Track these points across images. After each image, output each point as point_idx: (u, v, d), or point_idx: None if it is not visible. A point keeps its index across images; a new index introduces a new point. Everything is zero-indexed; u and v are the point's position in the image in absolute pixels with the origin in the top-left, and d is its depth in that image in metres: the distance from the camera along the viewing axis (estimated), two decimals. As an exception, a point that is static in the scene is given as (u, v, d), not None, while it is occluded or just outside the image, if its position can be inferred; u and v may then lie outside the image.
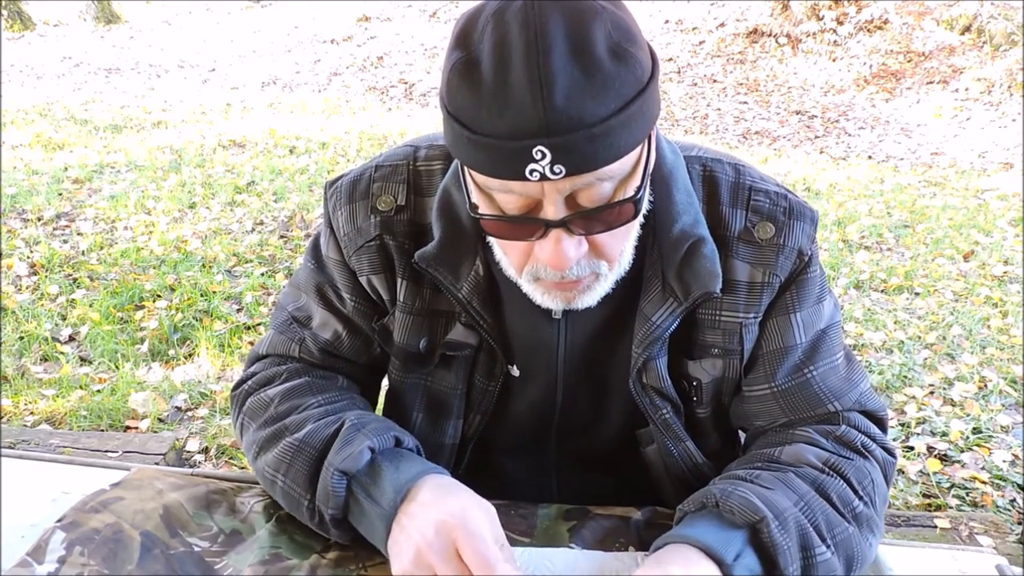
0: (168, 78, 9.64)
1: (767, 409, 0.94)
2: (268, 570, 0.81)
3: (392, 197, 0.92)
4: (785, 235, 0.89)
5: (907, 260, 4.37)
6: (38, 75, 9.66)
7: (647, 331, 0.88)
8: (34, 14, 12.67)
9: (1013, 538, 2.08)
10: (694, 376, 0.93)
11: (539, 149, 0.66)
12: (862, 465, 0.87)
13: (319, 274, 0.98)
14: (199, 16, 12.77)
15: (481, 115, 0.68)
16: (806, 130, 7.84)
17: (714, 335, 0.91)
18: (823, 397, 0.92)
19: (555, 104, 0.65)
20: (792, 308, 0.91)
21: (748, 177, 0.92)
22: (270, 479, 0.87)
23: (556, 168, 0.67)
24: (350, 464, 0.80)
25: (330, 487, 0.80)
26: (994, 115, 7.74)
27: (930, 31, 9.11)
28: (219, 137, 6.56)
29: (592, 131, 0.66)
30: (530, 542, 0.87)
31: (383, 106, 8.31)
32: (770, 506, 0.78)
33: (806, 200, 0.94)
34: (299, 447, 0.85)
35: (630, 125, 0.68)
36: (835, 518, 0.81)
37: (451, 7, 11.31)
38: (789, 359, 0.92)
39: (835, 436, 0.90)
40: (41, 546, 0.81)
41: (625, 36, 0.68)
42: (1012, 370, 3.11)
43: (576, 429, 1.02)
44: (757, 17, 9.80)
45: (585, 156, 0.67)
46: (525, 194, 0.71)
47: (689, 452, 0.96)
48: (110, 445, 2.30)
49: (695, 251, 0.85)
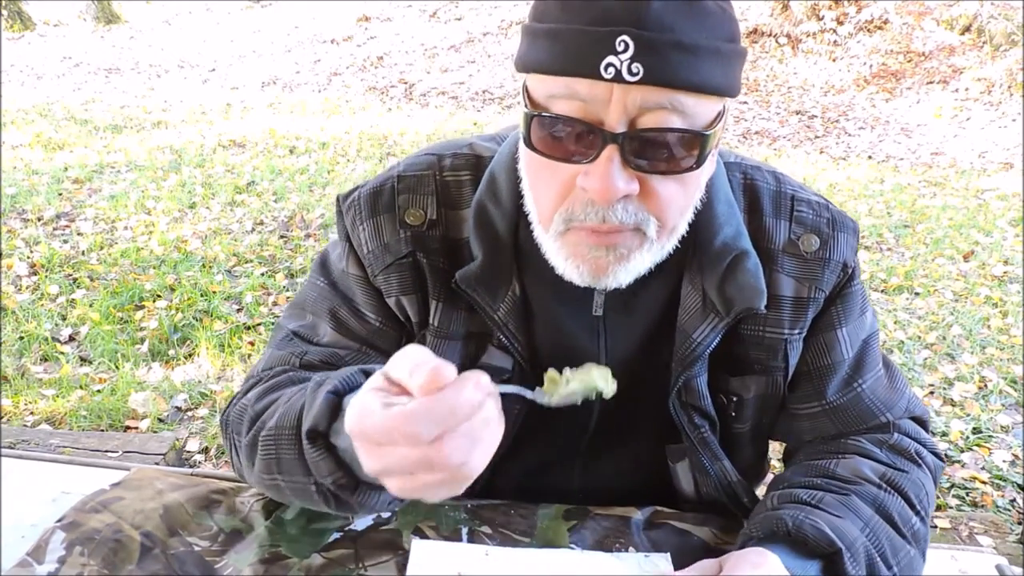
0: (168, 78, 9.63)
1: (819, 426, 0.92)
2: (268, 569, 0.81)
3: (422, 210, 0.86)
4: (831, 248, 0.86)
5: (907, 260, 4.37)
6: (38, 75, 9.66)
7: (687, 348, 0.85)
8: (34, 14, 12.67)
9: (1013, 538, 2.08)
10: (735, 392, 0.90)
11: (623, 39, 0.63)
12: (917, 477, 0.87)
13: (332, 294, 0.90)
14: (199, 16, 12.76)
15: (570, 6, 0.65)
16: (806, 130, 7.83)
17: (757, 351, 0.88)
18: (875, 410, 0.90)
19: (651, 4, 0.63)
20: (838, 323, 0.89)
21: (789, 186, 0.89)
22: (271, 484, 0.77)
23: (634, 67, 0.63)
24: (314, 418, 0.66)
25: (311, 458, 0.67)
26: (994, 115, 7.74)
27: (930, 31, 9.10)
28: (219, 137, 6.56)
29: (682, 42, 0.63)
30: (530, 542, 0.87)
31: (383, 106, 8.30)
32: (842, 537, 0.78)
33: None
34: (276, 438, 0.74)
35: (717, 62, 0.66)
36: (898, 542, 0.81)
37: (451, 7, 11.31)
38: (838, 374, 0.89)
39: (888, 445, 0.89)
40: (41, 546, 0.81)
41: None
42: (1012, 370, 3.11)
43: (605, 445, 0.98)
44: (757, 17, 9.79)
45: (669, 65, 0.63)
46: (591, 99, 0.65)
47: (725, 471, 0.93)
48: (110, 445, 2.30)
49: (738, 265, 0.82)
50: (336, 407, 0.67)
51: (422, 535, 0.87)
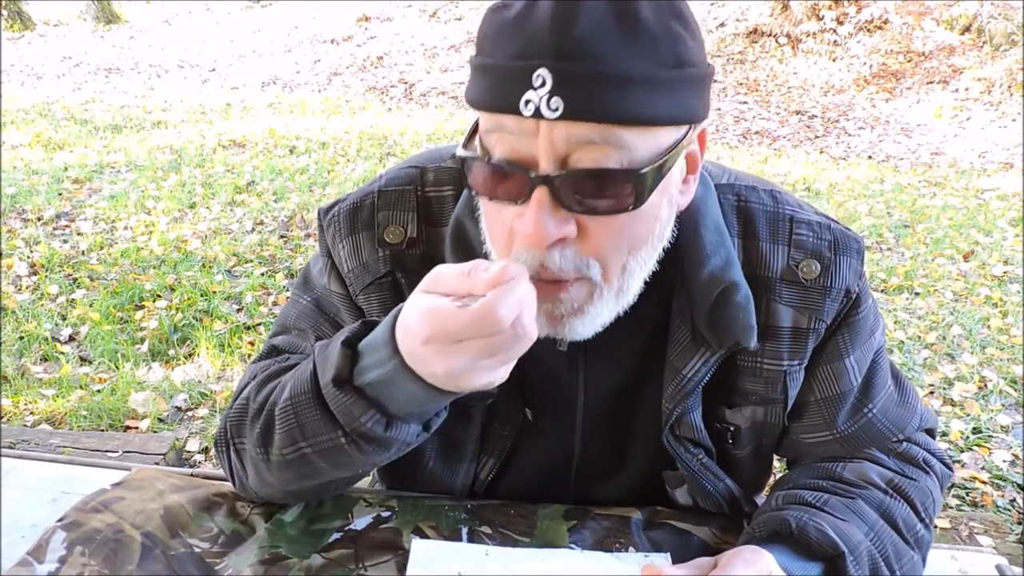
0: (168, 78, 9.63)
1: (829, 450, 0.90)
2: (268, 570, 0.81)
3: (401, 228, 0.83)
4: (832, 274, 0.81)
5: (907, 260, 4.37)
6: (38, 75, 9.66)
7: (678, 385, 0.81)
8: (34, 14, 12.67)
9: (1013, 538, 2.08)
10: (731, 423, 0.87)
11: (540, 74, 0.59)
12: (925, 485, 0.86)
13: (316, 313, 0.89)
14: (199, 16, 12.76)
15: (498, 40, 0.63)
16: (806, 130, 7.83)
17: (755, 383, 0.84)
18: (887, 432, 0.89)
19: (572, 31, 0.59)
20: (844, 352, 0.84)
21: (788, 206, 0.83)
22: (295, 457, 0.75)
23: (553, 102, 0.59)
24: (336, 366, 0.68)
25: (341, 406, 0.69)
26: (994, 115, 7.74)
27: (930, 31, 9.11)
28: (219, 137, 6.56)
29: (604, 71, 0.59)
30: (530, 542, 0.87)
31: (383, 106, 8.30)
32: (846, 540, 0.77)
33: (848, 228, 0.85)
34: (294, 406, 0.74)
35: (657, 94, 0.61)
36: (902, 547, 0.81)
37: (451, 7, 11.31)
38: (846, 403, 0.87)
39: (897, 452, 0.89)
40: (41, 546, 0.82)
41: (676, 15, 0.63)
42: (1012, 370, 3.11)
43: (597, 475, 0.95)
44: (757, 17, 9.80)
45: (589, 97, 0.59)
46: (520, 133, 0.63)
47: (728, 488, 0.91)
48: (110, 445, 2.30)
49: (726, 298, 0.76)
50: (352, 356, 0.69)
51: (422, 535, 0.87)
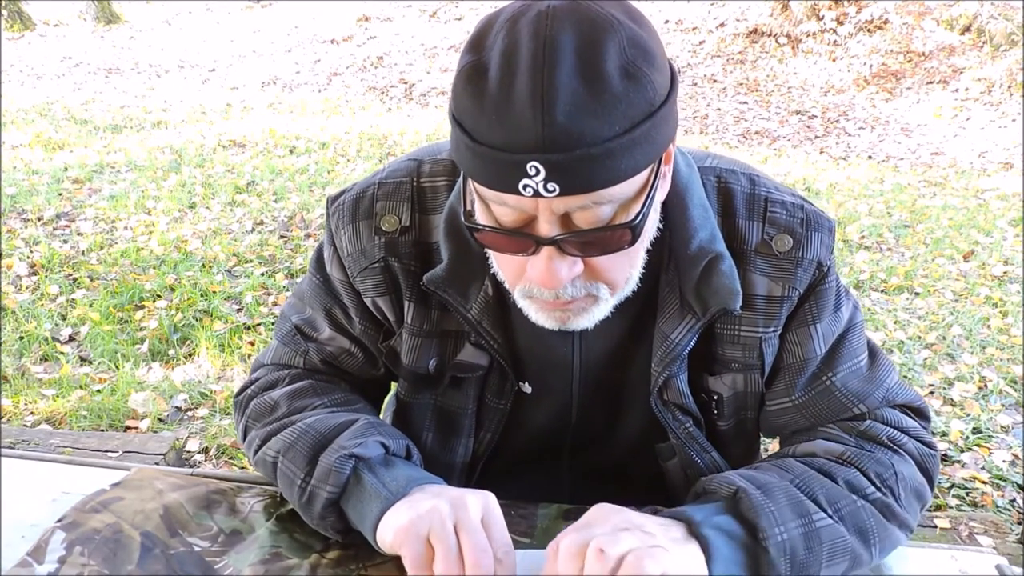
0: (168, 78, 9.63)
1: (792, 421, 0.93)
2: (268, 569, 0.81)
3: (396, 217, 0.90)
4: (804, 247, 0.87)
5: (907, 260, 4.37)
6: (38, 75, 9.66)
7: (666, 349, 0.87)
8: (34, 14, 12.67)
9: (1013, 538, 2.08)
10: (715, 391, 0.93)
11: (533, 165, 0.64)
12: (884, 458, 0.86)
13: (325, 293, 0.97)
14: (199, 16, 12.77)
15: (481, 123, 0.67)
16: (806, 130, 7.84)
17: (733, 350, 0.90)
18: (846, 402, 0.91)
19: (554, 120, 0.63)
20: (811, 320, 0.90)
21: (763, 188, 0.89)
22: (271, 461, 0.87)
23: (550, 186, 0.65)
24: (363, 451, 0.81)
25: (334, 465, 0.80)
26: (994, 115, 7.74)
27: (930, 31, 9.11)
28: (219, 137, 6.56)
29: (591, 151, 0.64)
30: (530, 542, 0.87)
31: (383, 106, 8.31)
32: (752, 480, 0.78)
33: (822, 209, 0.92)
34: (304, 431, 0.85)
35: (633, 149, 0.66)
36: (839, 493, 0.80)
37: (451, 7, 11.31)
38: (807, 370, 0.91)
39: (859, 431, 0.89)
40: (41, 546, 0.81)
41: (641, 54, 0.66)
42: (1012, 370, 3.11)
43: (590, 443, 1.01)
44: (757, 17, 9.80)
45: (581, 177, 0.65)
46: (519, 208, 0.70)
47: (715, 462, 0.95)
48: (110, 445, 2.30)
49: (713, 268, 0.84)
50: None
51: (422, 535, 0.87)
